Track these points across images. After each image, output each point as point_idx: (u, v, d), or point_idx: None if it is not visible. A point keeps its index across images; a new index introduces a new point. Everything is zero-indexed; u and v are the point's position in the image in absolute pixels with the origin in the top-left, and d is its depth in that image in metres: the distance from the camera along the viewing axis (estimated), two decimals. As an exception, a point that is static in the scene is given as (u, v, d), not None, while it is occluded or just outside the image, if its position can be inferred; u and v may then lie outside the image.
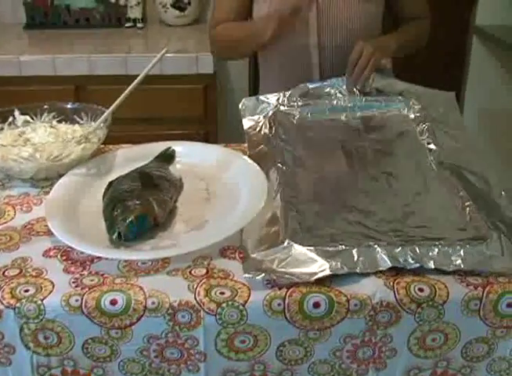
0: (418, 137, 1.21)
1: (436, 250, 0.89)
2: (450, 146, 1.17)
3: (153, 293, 0.84)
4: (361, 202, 1.03)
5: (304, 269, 0.87)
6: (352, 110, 1.30)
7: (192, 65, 2.03)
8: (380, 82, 1.36)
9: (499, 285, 0.86)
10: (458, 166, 1.11)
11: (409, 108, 1.29)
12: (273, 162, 1.12)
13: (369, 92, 1.34)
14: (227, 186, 1.09)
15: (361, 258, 0.88)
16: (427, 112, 1.26)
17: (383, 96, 1.32)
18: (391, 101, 1.31)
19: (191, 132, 2.05)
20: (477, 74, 2.66)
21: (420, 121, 1.24)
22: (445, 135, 1.20)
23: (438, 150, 1.15)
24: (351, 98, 1.32)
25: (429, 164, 1.13)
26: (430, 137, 1.19)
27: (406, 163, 1.14)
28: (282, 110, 1.29)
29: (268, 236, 0.94)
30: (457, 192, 1.03)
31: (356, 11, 1.42)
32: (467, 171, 1.09)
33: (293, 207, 1.00)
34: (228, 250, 0.94)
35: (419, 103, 1.29)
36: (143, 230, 0.95)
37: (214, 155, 1.18)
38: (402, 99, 1.31)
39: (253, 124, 1.26)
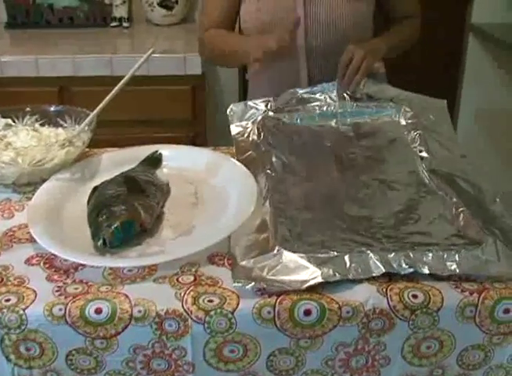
0: (410, 144, 1.22)
1: (430, 255, 0.90)
2: (442, 155, 1.18)
3: (139, 301, 0.85)
4: (352, 209, 1.04)
5: (295, 276, 0.87)
6: (343, 116, 1.31)
7: (179, 65, 2.04)
8: (371, 88, 1.37)
9: (495, 291, 0.87)
10: (450, 174, 1.12)
11: (400, 115, 1.30)
12: (262, 168, 1.12)
13: (360, 97, 1.35)
14: (215, 191, 1.09)
15: (353, 265, 0.89)
16: (419, 119, 1.27)
17: (374, 102, 1.34)
18: (383, 107, 1.32)
19: (179, 135, 2.05)
20: (473, 74, 2.68)
21: (411, 128, 1.25)
22: (436, 144, 1.21)
23: (430, 158, 1.16)
24: (341, 104, 1.33)
25: (421, 171, 1.14)
26: (422, 145, 1.20)
27: (398, 170, 1.15)
28: (270, 115, 1.30)
29: (257, 243, 0.94)
30: (450, 198, 1.04)
31: (345, 10, 1.43)
32: (460, 179, 1.11)
33: (282, 213, 1.01)
34: (217, 256, 0.94)
35: (411, 109, 1.30)
36: (129, 237, 0.96)
37: (202, 159, 1.18)
38: (394, 106, 1.32)
39: (241, 130, 1.27)
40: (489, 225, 0.98)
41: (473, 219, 0.98)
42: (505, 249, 0.93)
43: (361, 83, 1.37)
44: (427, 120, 1.28)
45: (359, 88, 1.36)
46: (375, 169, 1.16)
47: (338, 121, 1.30)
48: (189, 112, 2.12)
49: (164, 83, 2.05)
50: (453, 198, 1.04)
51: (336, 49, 1.39)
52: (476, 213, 1.01)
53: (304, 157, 1.19)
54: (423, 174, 1.13)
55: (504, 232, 0.97)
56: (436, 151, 1.19)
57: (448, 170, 1.13)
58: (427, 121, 1.28)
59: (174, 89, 2.07)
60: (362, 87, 1.37)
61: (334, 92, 1.36)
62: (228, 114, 1.30)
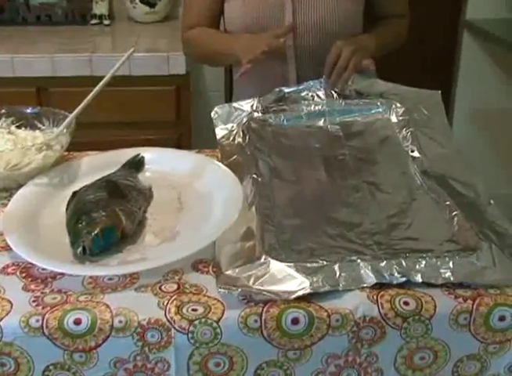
0: (401, 144, 1.23)
1: (423, 262, 0.91)
2: (435, 153, 1.19)
3: (120, 311, 0.85)
4: (342, 214, 1.04)
5: (282, 286, 0.88)
6: (331, 115, 1.32)
7: (163, 65, 2.04)
8: (360, 83, 1.38)
9: (489, 297, 0.88)
10: (443, 175, 1.13)
11: (391, 111, 1.31)
12: (248, 172, 1.13)
13: (349, 94, 1.36)
14: (200, 195, 1.10)
15: (343, 274, 0.90)
16: (411, 115, 1.28)
17: (363, 99, 1.34)
18: (372, 104, 1.33)
19: (162, 137, 2.05)
20: (468, 72, 2.69)
21: (403, 126, 1.26)
22: (429, 141, 1.22)
23: (422, 158, 1.17)
24: (329, 102, 1.34)
25: (413, 172, 1.15)
26: (413, 144, 1.21)
27: (389, 172, 1.16)
28: (256, 117, 1.31)
29: (243, 252, 0.94)
30: (443, 201, 1.05)
31: (334, 9, 1.44)
32: (453, 180, 1.11)
33: (269, 220, 1.01)
34: (201, 263, 0.95)
35: (402, 105, 1.31)
36: (110, 244, 0.96)
37: (186, 162, 1.19)
38: (384, 102, 1.33)
39: (226, 133, 1.27)
40: (484, 229, 0.99)
41: (467, 223, 0.99)
42: (501, 255, 0.94)
43: (349, 80, 1.37)
44: (419, 115, 1.29)
45: (348, 85, 1.37)
46: (365, 171, 1.17)
47: (326, 120, 1.31)
48: (173, 113, 2.12)
49: (147, 83, 2.05)
50: (447, 201, 1.05)
51: (325, 49, 1.40)
52: (471, 216, 1.02)
53: (291, 159, 1.20)
54: (415, 175, 1.14)
55: (500, 236, 0.98)
56: (429, 150, 1.20)
57: (441, 170, 1.14)
58: (420, 115, 1.28)
59: (158, 90, 2.08)
60: (351, 83, 1.37)
61: (321, 89, 1.36)
62: (212, 117, 1.30)
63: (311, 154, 1.22)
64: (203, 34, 1.53)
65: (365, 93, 1.36)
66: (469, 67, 2.69)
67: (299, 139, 1.27)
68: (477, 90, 2.70)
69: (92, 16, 2.42)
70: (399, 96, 1.33)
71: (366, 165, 1.19)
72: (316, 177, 1.16)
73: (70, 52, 2.07)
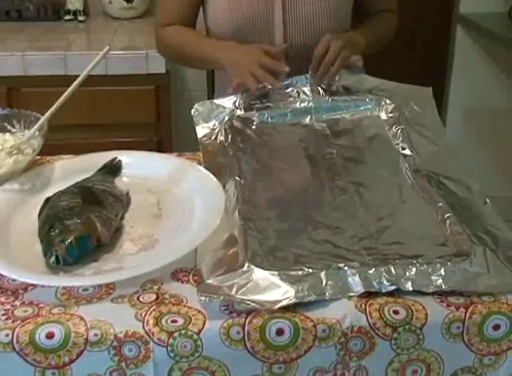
0: (391, 141, 1.24)
1: (414, 269, 0.92)
2: (427, 151, 1.20)
3: (95, 323, 0.85)
4: (329, 217, 1.05)
5: (266, 295, 0.88)
6: (317, 112, 1.33)
7: (141, 63, 2.04)
8: (348, 79, 1.38)
9: (483, 305, 0.89)
10: (436, 173, 1.14)
11: (380, 108, 1.32)
12: (230, 175, 1.14)
13: (336, 90, 1.37)
14: (180, 201, 1.10)
15: (330, 283, 0.90)
16: (401, 112, 1.30)
17: (351, 96, 1.35)
18: (361, 101, 1.34)
19: (141, 140, 2.06)
20: (462, 67, 2.72)
21: (393, 123, 1.27)
22: (421, 138, 1.23)
23: (414, 156, 1.19)
24: (315, 98, 1.35)
25: (404, 171, 1.16)
26: (404, 141, 1.22)
27: (379, 172, 1.17)
28: (238, 114, 1.32)
29: (225, 259, 0.95)
30: (436, 202, 1.06)
31: (324, 6, 1.45)
32: (447, 178, 1.13)
33: (253, 225, 1.02)
34: (181, 272, 0.95)
35: (392, 101, 1.32)
36: (85, 252, 0.96)
37: (165, 166, 1.19)
38: (373, 98, 1.34)
39: (208, 132, 1.28)
40: (478, 232, 1.00)
41: (460, 226, 1.00)
42: (495, 259, 0.95)
43: (336, 76, 1.38)
44: (410, 111, 1.30)
45: (335, 80, 1.38)
46: (353, 171, 1.18)
47: (312, 117, 1.32)
48: (153, 114, 2.13)
49: (124, 83, 2.05)
50: (439, 202, 1.06)
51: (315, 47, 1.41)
52: (464, 217, 1.03)
53: (275, 160, 1.21)
54: (406, 175, 1.15)
55: (495, 238, 0.99)
56: (420, 147, 1.21)
57: (433, 169, 1.15)
58: (411, 112, 1.30)
59: (136, 90, 2.08)
60: (338, 78, 1.38)
61: (307, 85, 1.37)
62: (192, 115, 1.31)
63: (296, 154, 1.23)
64: (181, 34, 1.53)
65: (353, 89, 1.37)
66: (462, 63, 2.71)
67: (284, 138, 1.27)
68: (471, 87, 2.72)
69: (66, 11, 2.42)
70: (389, 92, 1.34)
71: (354, 165, 1.20)
72: (302, 178, 1.16)
73: (43, 49, 2.06)
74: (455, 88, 2.75)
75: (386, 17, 1.61)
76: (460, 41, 2.68)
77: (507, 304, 0.89)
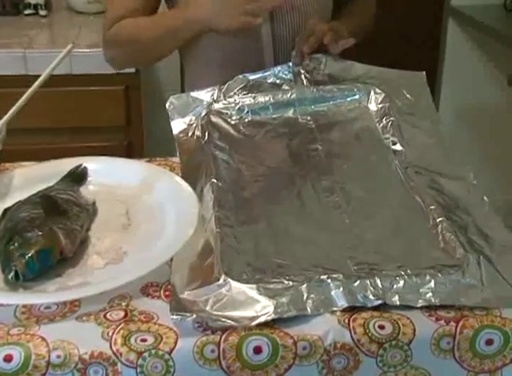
0: (381, 136, 1.25)
1: (401, 282, 0.93)
2: (419, 144, 1.21)
3: (58, 344, 0.85)
4: (312, 222, 1.06)
5: (243, 311, 0.89)
6: (301, 104, 1.33)
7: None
8: (334, 67, 1.39)
9: (475, 318, 0.90)
10: (429, 170, 1.15)
11: (369, 98, 1.32)
12: (207, 177, 1.14)
13: (321, 80, 1.37)
14: (151, 210, 1.11)
15: (311, 296, 0.91)
16: (392, 101, 1.30)
17: (338, 86, 1.35)
18: (348, 90, 1.34)
19: (110, 144, 2.07)
20: (454, 64, 2.74)
21: (383, 115, 1.28)
22: (413, 130, 1.24)
23: (405, 152, 1.19)
24: (299, 89, 1.35)
25: (394, 169, 1.17)
26: (395, 135, 1.23)
27: (367, 170, 1.18)
28: (216, 108, 1.32)
29: (200, 271, 0.96)
30: (427, 205, 1.07)
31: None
32: (440, 175, 1.14)
33: (230, 232, 1.03)
34: (152, 287, 0.96)
35: (382, 90, 1.32)
36: (47, 267, 0.96)
37: (135, 173, 1.20)
38: (362, 88, 1.34)
39: (184, 128, 1.28)
40: (473, 235, 1.01)
41: (453, 232, 1.01)
42: (490, 269, 0.96)
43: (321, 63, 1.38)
44: (402, 100, 1.31)
45: (320, 69, 1.38)
46: (340, 170, 1.18)
47: (296, 110, 1.32)
48: (122, 117, 2.13)
49: (91, 83, 2.05)
50: (431, 205, 1.07)
51: None
52: (459, 221, 1.04)
53: (257, 158, 1.21)
54: (396, 172, 1.16)
55: (490, 242, 1.01)
56: (412, 141, 1.22)
57: (426, 165, 1.16)
58: (403, 101, 1.30)
59: (104, 90, 2.08)
60: (323, 68, 1.38)
61: (290, 75, 1.37)
62: (167, 109, 1.31)
63: (279, 151, 1.23)
64: (128, 22, 1.45)
65: (339, 78, 1.37)
66: (455, 59, 2.74)
67: (265, 134, 1.28)
68: (464, 84, 2.75)
69: (26, 5, 2.41)
70: (378, 80, 1.35)
71: (342, 162, 1.20)
72: (284, 179, 1.17)
73: (0, 47, 2.06)
74: (447, 86, 2.78)
75: (364, 5, 1.62)
76: (452, 35, 2.71)
77: (501, 317, 0.90)
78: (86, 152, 1.26)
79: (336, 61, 1.40)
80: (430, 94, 1.34)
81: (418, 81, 1.35)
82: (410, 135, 1.23)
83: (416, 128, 1.25)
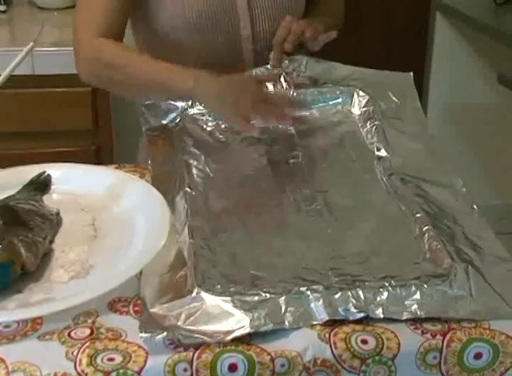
0: (365, 141, 1.26)
1: (385, 293, 0.94)
2: (405, 150, 1.22)
3: (18, 366, 0.85)
4: (292, 232, 1.07)
5: (217, 325, 0.89)
6: None
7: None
8: (315, 69, 1.40)
9: (463, 331, 0.91)
10: (415, 177, 1.16)
11: (353, 102, 1.34)
12: (180, 185, 1.15)
13: (302, 82, 1.38)
14: (119, 220, 1.11)
15: (290, 309, 0.92)
16: (377, 104, 1.31)
17: (319, 88, 1.36)
18: (331, 94, 1.36)
19: (77, 150, 2.06)
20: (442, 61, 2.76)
21: (367, 119, 1.30)
22: (399, 135, 1.26)
23: (390, 158, 1.21)
24: (279, 92, 1.36)
25: (379, 176, 1.18)
26: (380, 140, 1.24)
27: (350, 177, 1.19)
28: (191, 114, 1.33)
29: (172, 285, 0.96)
30: (413, 213, 1.09)
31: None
32: (427, 182, 1.15)
33: (204, 244, 1.03)
34: (120, 302, 0.96)
35: (366, 92, 1.34)
36: (7, 282, 0.96)
37: (102, 180, 1.20)
38: (345, 91, 1.35)
39: (156, 135, 1.29)
40: (461, 245, 1.03)
41: (440, 241, 1.02)
42: (479, 279, 0.97)
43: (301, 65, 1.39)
44: (387, 103, 1.32)
45: (300, 71, 1.39)
46: (321, 178, 1.19)
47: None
48: (89, 120, 2.12)
49: (55, 84, 2.04)
50: (418, 213, 1.08)
51: None
52: (446, 229, 1.05)
53: (232, 166, 1.22)
54: (381, 179, 1.18)
55: (479, 252, 1.02)
56: (398, 146, 1.23)
57: (412, 172, 1.17)
58: (388, 104, 1.32)
59: (69, 92, 2.07)
60: (304, 68, 1.39)
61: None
62: (139, 115, 1.32)
63: (256, 159, 1.24)
64: (126, 51, 1.40)
65: (321, 80, 1.38)
66: (443, 56, 2.75)
67: (242, 140, 1.29)
68: (453, 82, 2.76)
69: (-17, 0, 2.40)
70: (362, 82, 1.36)
71: (323, 170, 1.21)
72: (262, 187, 1.18)
73: (-45, 46, 2.05)
74: (435, 84, 2.79)
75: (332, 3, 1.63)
76: (440, 31, 2.72)
77: (490, 329, 0.92)
78: (50, 158, 1.26)
79: (317, 62, 1.41)
80: (417, 96, 1.35)
81: (404, 83, 1.37)
82: (395, 140, 1.24)
83: (402, 133, 1.26)
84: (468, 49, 2.74)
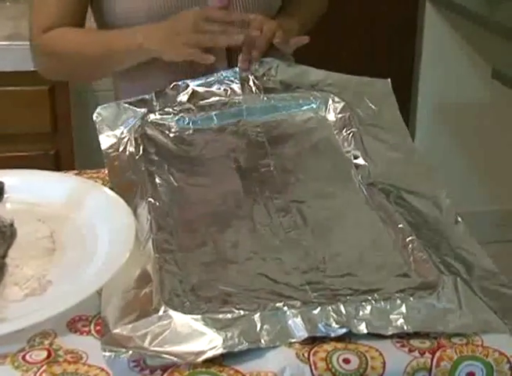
0: (341, 149, 1.28)
1: (368, 307, 0.95)
2: (385, 159, 1.24)
3: (-33, 393, 0.85)
4: (265, 245, 1.08)
5: (187, 346, 0.89)
6: (250, 114, 1.35)
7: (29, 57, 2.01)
8: (287, 73, 1.41)
9: (453, 349, 0.92)
10: (396, 186, 1.18)
11: (327, 107, 1.35)
12: (142, 196, 1.15)
13: (273, 87, 1.39)
14: (80, 232, 1.11)
15: (266, 327, 0.92)
16: (353, 111, 1.33)
17: (291, 93, 1.38)
18: (303, 99, 1.37)
19: (34, 154, 2.06)
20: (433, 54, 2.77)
21: (343, 126, 1.31)
22: (377, 143, 1.27)
23: (368, 166, 1.22)
24: (247, 98, 1.37)
25: (357, 185, 1.20)
26: (357, 148, 1.26)
27: (326, 187, 1.21)
28: (152, 119, 1.33)
29: (136, 303, 0.96)
30: (395, 223, 1.10)
31: None
32: (409, 193, 1.17)
33: (171, 258, 1.04)
34: (80, 321, 0.96)
35: (341, 98, 1.35)
36: (-45, 301, 0.96)
37: (61, 188, 1.20)
38: (318, 96, 1.37)
39: (114, 143, 1.29)
40: (448, 257, 1.04)
41: (426, 252, 1.04)
42: (468, 292, 0.98)
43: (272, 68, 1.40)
44: (364, 110, 1.33)
45: (271, 75, 1.40)
46: (295, 187, 1.20)
47: (244, 121, 1.34)
48: (47, 122, 2.12)
49: (9, 82, 2.05)
50: (399, 223, 1.10)
51: None
52: (431, 240, 1.07)
53: (199, 176, 1.23)
54: (359, 189, 1.19)
55: (468, 265, 1.03)
56: (377, 155, 1.24)
57: (392, 181, 1.19)
58: (365, 111, 1.33)
59: (24, 91, 2.07)
60: (274, 73, 1.41)
61: (237, 81, 1.39)
62: (95, 121, 1.32)
63: (224, 168, 1.25)
64: (71, 34, 1.47)
65: (293, 85, 1.39)
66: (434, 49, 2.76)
67: (209, 148, 1.30)
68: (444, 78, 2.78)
69: None
70: (337, 87, 1.38)
71: (296, 179, 1.22)
72: (232, 198, 1.19)
73: None
74: (425, 80, 2.81)
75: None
76: (430, 22, 2.74)
77: (482, 346, 0.92)
78: (3, 163, 1.27)
79: (288, 66, 1.43)
80: (396, 104, 1.37)
81: (382, 90, 1.39)
82: (374, 148, 1.26)
83: (380, 141, 1.28)
84: (461, 42, 2.75)
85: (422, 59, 2.79)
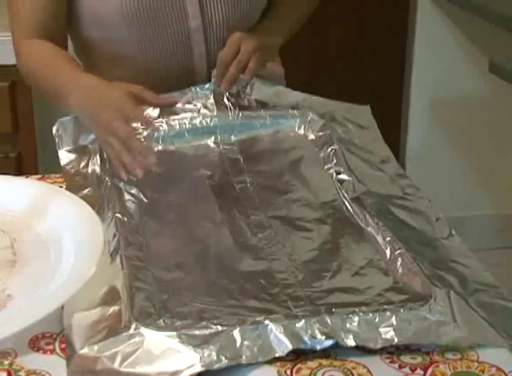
0: (322, 165, 1.30)
1: (356, 319, 0.95)
2: (369, 176, 1.26)
3: None
4: (243, 261, 1.09)
5: (162, 365, 0.90)
6: (224, 131, 1.38)
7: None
8: (263, 92, 1.44)
9: (447, 364, 0.92)
10: (383, 202, 1.20)
11: (307, 125, 1.38)
12: (109, 212, 1.17)
13: (248, 105, 1.42)
14: (43, 242, 1.11)
15: (246, 342, 0.92)
16: (334, 130, 1.36)
17: (268, 111, 1.41)
18: (281, 117, 1.40)
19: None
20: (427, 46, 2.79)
21: (323, 143, 1.34)
22: (361, 162, 1.30)
23: (353, 181, 1.24)
24: (221, 114, 1.40)
25: (341, 200, 1.22)
26: (339, 164, 1.28)
27: (308, 201, 1.22)
28: None
29: (104, 321, 0.96)
30: (383, 237, 1.12)
31: None
32: (397, 206, 1.19)
33: (141, 275, 1.05)
34: (44, 339, 0.96)
35: (321, 117, 1.38)
36: None
37: (22, 194, 1.20)
38: (297, 113, 1.40)
39: (75, 158, 1.31)
40: (440, 271, 1.05)
41: (416, 265, 1.05)
42: (462, 304, 0.99)
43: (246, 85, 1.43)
44: (345, 131, 1.37)
45: (246, 93, 1.43)
46: (274, 203, 1.22)
47: (218, 138, 1.37)
48: (8, 122, 2.12)
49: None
50: (387, 236, 1.11)
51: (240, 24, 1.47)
52: (423, 254, 1.08)
53: (170, 192, 1.24)
54: (343, 204, 1.21)
55: (462, 278, 1.04)
56: (360, 170, 1.27)
57: (379, 197, 1.21)
58: (346, 132, 1.37)
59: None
60: (250, 92, 1.43)
61: (210, 97, 1.41)
62: (54, 135, 1.34)
63: (197, 184, 1.27)
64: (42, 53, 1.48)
65: (270, 104, 1.43)
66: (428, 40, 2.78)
67: (181, 165, 1.32)
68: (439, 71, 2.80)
69: None
70: (315, 111, 1.41)
71: (275, 195, 1.24)
72: (206, 214, 1.20)
73: None
74: (418, 74, 2.82)
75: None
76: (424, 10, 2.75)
77: (478, 362, 0.93)
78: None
79: (264, 85, 1.45)
80: (377, 129, 1.40)
81: (362, 115, 1.42)
82: (358, 165, 1.28)
83: (364, 161, 1.30)
84: (456, 33, 2.77)
85: (415, 50, 2.80)
